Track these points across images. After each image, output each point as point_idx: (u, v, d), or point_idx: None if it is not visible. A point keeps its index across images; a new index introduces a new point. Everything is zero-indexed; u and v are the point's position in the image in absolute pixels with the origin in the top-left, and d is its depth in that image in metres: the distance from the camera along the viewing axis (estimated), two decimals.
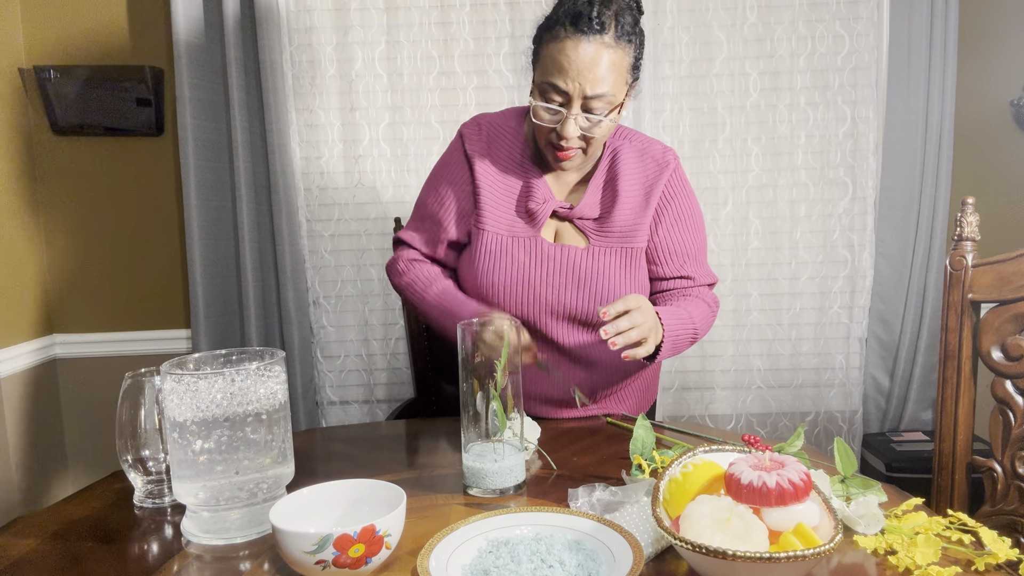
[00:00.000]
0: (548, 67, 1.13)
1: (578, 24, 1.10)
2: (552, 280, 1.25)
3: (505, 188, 1.28)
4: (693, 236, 1.32)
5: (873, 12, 2.02)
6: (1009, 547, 0.76)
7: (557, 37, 1.11)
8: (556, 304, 1.25)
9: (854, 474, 0.91)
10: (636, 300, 1.09)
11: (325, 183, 2.10)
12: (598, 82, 1.11)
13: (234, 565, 0.81)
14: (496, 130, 1.31)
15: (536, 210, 1.25)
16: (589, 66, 1.10)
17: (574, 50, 1.10)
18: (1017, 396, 1.10)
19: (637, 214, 1.27)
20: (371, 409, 2.19)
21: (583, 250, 1.25)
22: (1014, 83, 2.05)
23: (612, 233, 1.26)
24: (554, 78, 1.12)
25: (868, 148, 2.07)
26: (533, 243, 1.25)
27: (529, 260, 1.25)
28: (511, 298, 1.25)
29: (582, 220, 1.27)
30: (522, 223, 1.26)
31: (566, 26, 1.10)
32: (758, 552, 0.64)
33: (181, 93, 1.93)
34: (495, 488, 0.95)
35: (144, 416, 0.98)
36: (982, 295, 1.15)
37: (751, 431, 2.19)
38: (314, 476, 1.01)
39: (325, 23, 2.04)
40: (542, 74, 1.15)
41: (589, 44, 1.10)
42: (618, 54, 1.12)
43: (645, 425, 1.06)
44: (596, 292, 1.25)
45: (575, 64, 1.10)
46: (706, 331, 1.31)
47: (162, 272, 2.14)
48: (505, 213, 1.27)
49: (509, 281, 1.25)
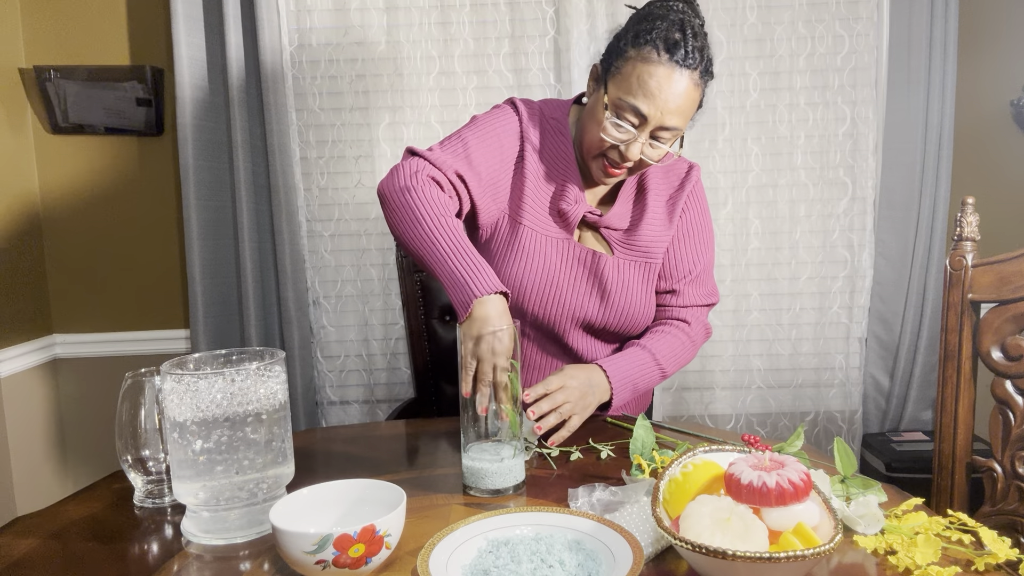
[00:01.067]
0: (633, 87, 1.09)
1: (673, 53, 1.07)
2: (579, 286, 1.24)
3: (545, 184, 1.24)
4: (696, 253, 1.30)
5: (873, 12, 2.02)
6: (1009, 547, 0.76)
7: (649, 60, 1.08)
8: (577, 309, 1.24)
9: (854, 474, 0.91)
10: (557, 380, 1.08)
11: (325, 183, 2.10)
12: (678, 115, 1.10)
13: (234, 565, 0.81)
14: (549, 119, 1.26)
15: (568, 211, 1.22)
16: (675, 98, 1.08)
17: (667, 79, 1.08)
18: (1017, 396, 1.10)
19: (662, 230, 1.27)
20: (371, 409, 2.19)
21: (611, 259, 1.25)
22: (1014, 83, 2.05)
23: (637, 247, 1.26)
24: (638, 100, 1.09)
25: (868, 148, 2.07)
26: (567, 245, 1.24)
27: (561, 261, 1.23)
28: (537, 297, 1.22)
29: (608, 230, 1.25)
30: (555, 223, 1.24)
31: (660, 51, 1.07)
32: (758, 552, 0.64)
33: (181, 93, 1.93)
34: (495, 488, 0.95)
35: (144, 416, 0.98)
36: (982, 295, 1.15)
37: (751, 431, 2.19)
38: (314, 476, 1.01)
39: (325, 23, 2.04)
40: (624, 91, 1.10)
41: (681, 76, 1.08)
42: (699, 93, 1.13)
43: (645, 425, 1.06)
44: (618, 303, 1.24)
45: (664, 93, 1.08)
46: (682, 364, 1.29)
47: (162, 272, 2.14)
48: (542, 210, 1.24)
49: (539, 280, 1.22)
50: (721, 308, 2.13)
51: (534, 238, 1.22)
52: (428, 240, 1.03)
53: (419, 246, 1.04)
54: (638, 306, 1.25)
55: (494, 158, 1.19)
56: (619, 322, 1.26)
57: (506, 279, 1.22)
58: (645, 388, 1.23)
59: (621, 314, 1.25)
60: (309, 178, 2.10)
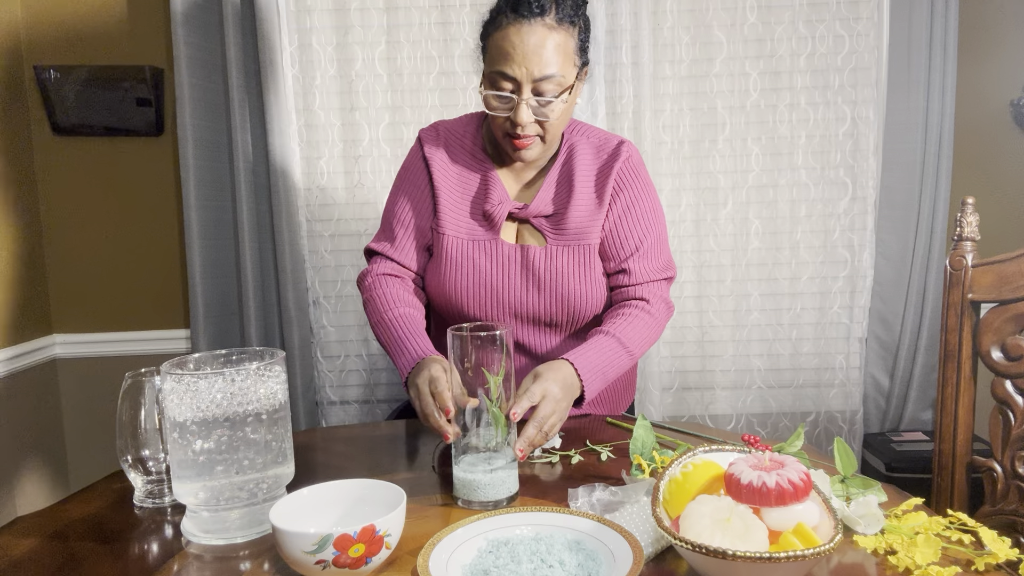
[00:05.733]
0: (495, 56, 1.14)
1: (519, 9, 1.11)
2: (513, 282, 1.25)
3: (463, 191, 1.28)
4: (642, 228, 1.27)
5: (873, 12, 2.02)
6: (1009, 547, 0.76)
7: (500, 25, 1.13)
8: (519, 306, 1.25)
9: (854, 474, 0.91)
10: (539, 389, 1.03)
11: (325, 183, 2.10)
12: (545, 64, 1.12)
13: (234, 565, 0.81)
14: (453, 132, 1.31)
15: (492, 212, 1.24)
16: (534, 49, 1.11)
17: (517, 35, 1.11)
18: (1017, 396, 1.10)
19: (592, 211, 1.26)
20: (371, 409, 2.19)
21: (541, 250, 1.25)
22: (1014, 83, 2.05)
23: (567, 231, 1.25)
24: (501, 65, 1.13)
25: (868, 148, 2.07)
26: (492, 246, 1.25)
27: (489, 263, 1.25)
28: (475, 302, 1.26)
29: (538, 219, 1.26)
30: (480, 226, 1.26)
31: (507, 13, 1.12)
32: (758, 552, 0.64)
33: (181, 93, 1.93)
34: (487, 500, 0.92)
35: (144, 416, 0.98)
36: (982, 295, 1.15)
37: (751, 431, 2.19)
38: (314, 476, 1.01)
39: (325, 23, 2.04)
40: (490, 64, 1.16)
41: (531, 27, 1.11)
42: (562, 35, 1.13)
43: (645, 425, 1.06)
44: (555, 292, 1.24)
45: (519, 48, 1.11)
46: (649, 343, 1.26)
47: (162, 272, 2.14)
48: (463, 217, 1.27)
49: (471, 285, 1.25)
50: (721, 308, 2.13)
51: (458, 245, 1.26)
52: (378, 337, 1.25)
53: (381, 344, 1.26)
54: (578, 291, 1.24)
55: (409, 202, 1.30)
56: (562, 310, 1.26)
57: (442, 288, 1.27)
58: (615, 375, 1.20)
59: (561, 302, 1.25)
60: (309, 178, 2.10)
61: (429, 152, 1.29)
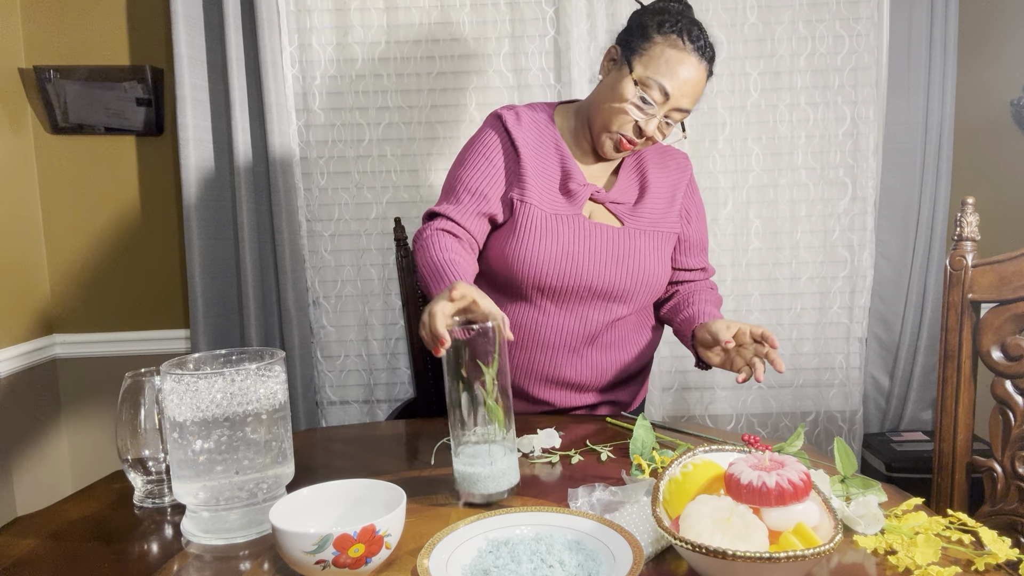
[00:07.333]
0: (662, 68, 1.21)
1: (695, 43, 1.21)
2: (593, 256, 1.30)
3: (544, 169, 1.33)
4: (705, 232, 1.48)
5: (873, 12, 2.02)
6: (1009, 547, 0.76)
7: (676, 45, 1.21)
8: (595, 280, 1.31)
9: (854, 474, 0.91)
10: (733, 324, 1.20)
11: (325, 183, 2.10)
12: (692, 98, 1.24)
13: (234, 565, 0.81)
14: (531, 117, 1.36)
15: (576, 191, 1.31)
16: (693, 85, 1.23)
17: (692, 66, 1.21)
18: (1017, 396, 1.10)
19: (665, 205, 1.39)
20: (371, 409, 2.19)
21: (620, 229, 1.33)
22: (1014, 83, 2.05)
23: (644, 217, 1.36)
24: (665, 80, 1.21)
25: (868, 148, 2.07)
26: (576, 221, 1.31)
27: (572, 236, 1.30)
28: (554, 272, 1.29)
29: (615, 204, 1.35)
30: (562, 202, 1.32)
31: (684, 40, 1.21)
32: (758, 552, 0.64)
33: (181, 93, 1.93)
34: (488, 493, 0.92)
35: (144, 416, 0.98)
36: (982, 295, 1.15)
37: (751, 431, 2.19)
38: (314, 476, 1.01)
39: (325, 23, 2.04)
40: (652, 71, 1.21)
41: (699, 66, 1.22)
42: (705, 82, 1.26)
43: (645, 425, 1.06)
44: (631, 269, 1.32)
45: (687, 79, 1.21)
46: None
47: (161, 272, 2.14)
48: (547, 191, 1.31)
49: (553, 255, 1.29)
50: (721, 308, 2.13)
51: (543, 218, 1.30)
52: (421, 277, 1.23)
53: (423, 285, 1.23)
54: (652, 270, 1.35)
55: (491, 171, 1.32)
56: (637, 288, 1.34)
57: (518, 256, 1.29)
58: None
59: (635, 278, 1.33)
60: (309, 178, 2.10)
61: (512, 127, 1.33)
